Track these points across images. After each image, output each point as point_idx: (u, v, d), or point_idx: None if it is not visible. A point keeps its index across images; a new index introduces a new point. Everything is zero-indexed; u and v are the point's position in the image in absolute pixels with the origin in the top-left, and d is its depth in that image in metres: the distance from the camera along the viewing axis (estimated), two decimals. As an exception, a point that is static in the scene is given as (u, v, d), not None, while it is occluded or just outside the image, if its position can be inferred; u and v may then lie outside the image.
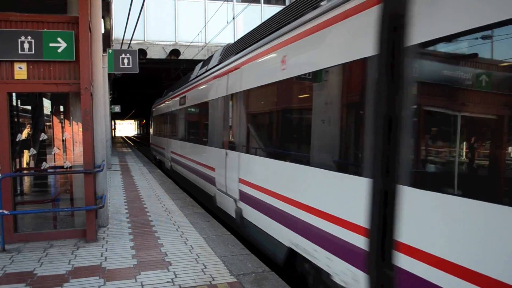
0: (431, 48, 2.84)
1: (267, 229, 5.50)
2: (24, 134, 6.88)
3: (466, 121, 2.68)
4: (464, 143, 2.69)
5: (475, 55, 2.59)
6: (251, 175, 6.03)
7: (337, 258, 3.76)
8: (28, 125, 7.34)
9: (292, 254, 4.86)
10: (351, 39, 3.65)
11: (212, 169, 8.23)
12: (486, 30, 2.43)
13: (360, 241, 3.39)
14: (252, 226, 6.07)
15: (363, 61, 3.40)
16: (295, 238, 4.62)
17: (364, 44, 3.41)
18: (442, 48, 2.79)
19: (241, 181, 6.38)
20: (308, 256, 4.32)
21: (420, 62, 2.89)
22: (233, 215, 6.83)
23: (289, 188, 4.80)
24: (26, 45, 5.70)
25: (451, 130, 2.75)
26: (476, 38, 2.51)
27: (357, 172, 3.49)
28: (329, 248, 3.90)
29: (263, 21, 7.81)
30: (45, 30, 5.80)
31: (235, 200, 6.73)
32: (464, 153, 2.68)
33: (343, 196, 3.71)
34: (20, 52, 5.69)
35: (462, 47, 2.64)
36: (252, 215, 6.01)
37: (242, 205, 6.43)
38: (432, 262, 2.70)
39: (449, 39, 2.67)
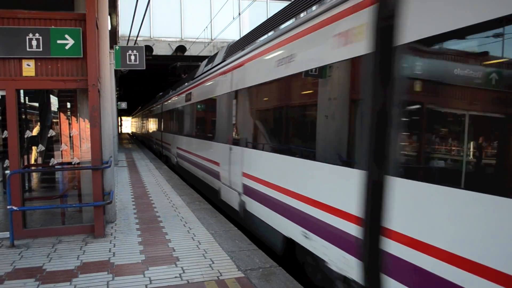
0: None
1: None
2: (35, 131, 6.92)
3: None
4: None
5: None
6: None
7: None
8: (37, 122, 7.37)
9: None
10: None
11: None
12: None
13: None
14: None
15: None
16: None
17: None
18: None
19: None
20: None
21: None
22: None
23: None
24: (34, 42, 5.73)
25: None
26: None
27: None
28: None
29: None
30: (53, 27, 5.83)
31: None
32: None
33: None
34: (28, 49, 5.73)
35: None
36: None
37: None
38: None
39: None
